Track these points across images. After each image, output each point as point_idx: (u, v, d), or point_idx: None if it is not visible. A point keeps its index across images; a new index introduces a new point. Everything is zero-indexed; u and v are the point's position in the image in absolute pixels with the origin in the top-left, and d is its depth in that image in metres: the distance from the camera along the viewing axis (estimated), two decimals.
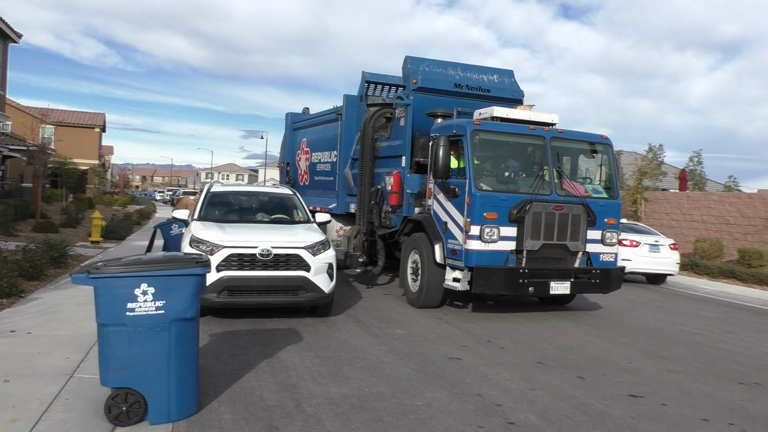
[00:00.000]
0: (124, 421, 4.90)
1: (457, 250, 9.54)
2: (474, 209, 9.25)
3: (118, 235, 20.47)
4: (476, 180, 9.37)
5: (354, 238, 12.15)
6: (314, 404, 5.57)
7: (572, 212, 9.69)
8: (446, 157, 9.45)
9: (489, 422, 5.32)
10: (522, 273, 9.32)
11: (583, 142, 10.48)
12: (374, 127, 12.10)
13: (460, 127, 9.77)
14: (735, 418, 5.76)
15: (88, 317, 8.20)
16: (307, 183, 16.23)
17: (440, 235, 9.95)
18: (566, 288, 9.71)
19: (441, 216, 10.00)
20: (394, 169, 11.38)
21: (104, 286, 4.83)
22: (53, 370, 5.91)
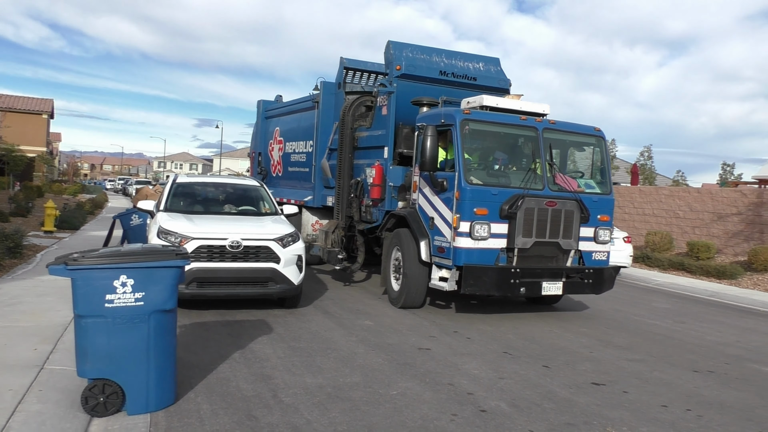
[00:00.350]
0: (101, 411, 4.90)
1: (444, 247, 9.01)
2: (464, 204, 8.72)
3: (72, 224, 20.00)
4: (466, 173, 8.82)
5: (332, 233, 11.62)
6: (291, 394, 5.64)
7: (565, 208, 9.21)
8: (434, 148, 8.94)
9: (462, 410, 5.49)
10: (514, 272, 8.84)
11: (575, 133, 9.90)
12: (354, 116, 11.55)
13: (448, 116, 9.20)
14: (691, 404, 6.06)
15: (50, 308, 8.08)
16: (280, 174, 15.66)
17: (426, 231, 9.42)
18: (558, 288, 9.24)
19: (427, 211, 9.48)
20: (375, 160, 10.83)
21: (82, 277, 4.80)
22: (23, 362, 5.83)
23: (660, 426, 5.40)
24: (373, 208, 10.92)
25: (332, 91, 12.84)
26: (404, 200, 10.25)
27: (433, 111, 9.79)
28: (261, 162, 16.79)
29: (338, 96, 12.55)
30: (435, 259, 9.28)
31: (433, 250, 9.30)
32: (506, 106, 9.61)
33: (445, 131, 9.23)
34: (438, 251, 9.17)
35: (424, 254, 9.38)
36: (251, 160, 17.89)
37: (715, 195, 20.57)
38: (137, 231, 13.93)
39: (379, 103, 10.96)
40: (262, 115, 16.86)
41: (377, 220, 10.84)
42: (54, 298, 8.73)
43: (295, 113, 14.77)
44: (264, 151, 16.68)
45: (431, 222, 9.33)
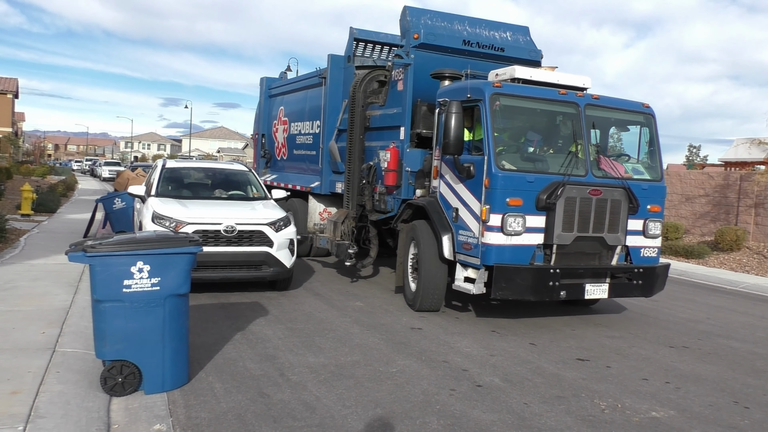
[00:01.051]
0: (119, 391, 5.13)
1: (471, 243, 7.89)
2: (494, 193, 7.55)
3: (49, 207, 19.88)
4: (497, 156, 7.65)
5: (341, 223, 10.42)
6: (297, 373, 5.93)
7: (612, 197, 8.03)
8: (458, 128, 7.73)
9: (459, 385, 5.84)
10: (553, 273, 7.70)
11: (622, 110, 8.66)
12: (365, 93, 10.42)
13: (476, 89, 7.99)
14: (670, 377, 6.51)
15: (47, 293, 8.21)
16: (285, 157, 14.43)
17: (449, 224, 8.30)
18: (603, 291, 8.10)
19: (450, 201, 8.34)
20: (390, 142, 9.68)
21: (101, 264, 4.99)
22: (34, 345, 6.00)
23: (642, 397, 5.83)
24: (387, 196, 9.86)
25: (341, 66, 11.60)
26: (423, 188, 9.21)
27: (458, 84, 8.59)
28: (264, 144, 15.65)
29: (348, 71, 11.37)
30: (459, 256, 8.16)
31: (457, 246, 8.19)
32: (541, 78, 8.42)
33: (471, 108, 8.07)
34: (463, 248, 8.07)
35: (447, 251, 8.24)
36: (254, 142, 16.77)
37: (684, 177, 21.26)
38: (120, 215, 14.00)
39: (394, 77, 9.83)
40: (265, 93, 15.63)
41: (392, 210, 9.75)
42: (48, 282, 8.84)
43: (300, 91, 13.53)
44: (268, 132, 15.51)
45: (455, 214, 8.23)
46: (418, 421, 4.97)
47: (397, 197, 9.62)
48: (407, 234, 9.15)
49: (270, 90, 15.48)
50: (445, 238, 8.26)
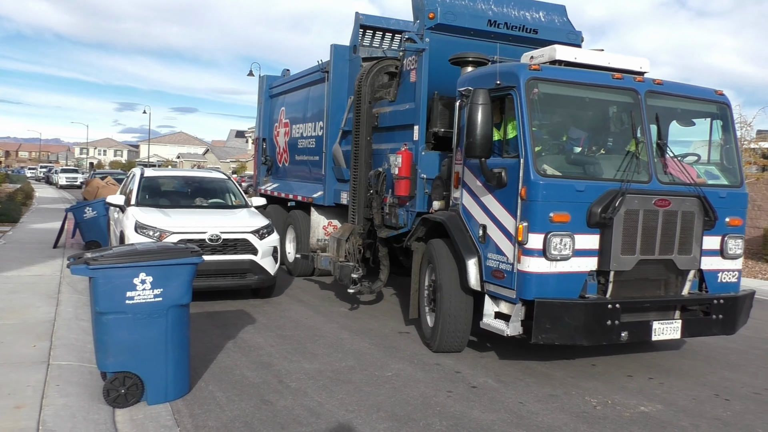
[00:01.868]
0: (122, 403, 5.14)
1: (503, 271, 6.28)
2: (534, 206, 5.94)
3: (11, 217, 19.40)
4: (536, 159, 6.04)
5: (346, 241, 8.94)
6: (295, 379, 6.01)
7: (682, 209, 6.35)
8: (486, 123, 6.17)
9: (455, 387, 6.00)
10: (612, 309, 6.04)
11: (691, 99, 7.03)
12: (373, 87, 9.05)
13: (508, 74, 6.36)
14: (652, 373, 6.78)
15: (29, 305, 8.10)
16: (287, 164, 12.87)
17: (474, 245, 6.71)
18: (675, 330, 6.45)
19: (476, 215, 6.73)
20: (401, 144, 8.14)
21: (104, 276, 5.00)
22: (28, 359, 5.95)
23: (630, 393, 6.07)
24: (398, 208, 8.26)
25: (345, 57, 10.15)
26: (442, 199, 7.50)
27: (484, 69, 7.00)
28: (266, 150, 14.09)
29: (354, 63, 10.00)
30: (489, 287, 6.54)
31: (485, 273, 6.57)
32: (588, 60, 6.78)
33: (501, 98, 6.50)
34: (493, 275, 6.46)
35: (472, 279, 6.61)
36: (255, 147, 15.18)
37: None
38: (91, 224, 13.82)
39: (406, 67, 8.35)
40: (266, 93, 14.07)
41: (404, 226, 8.14)
42: (27, 295, 8.70)
43: (302, 88, 12.06)
44: (269, 136, 13.98)
45: (482, 232, 6.60)
46: (422, 423, 5.11)
47: (410, 210, 8.04)
48: (423, 256, 7.61)
49: (271, 89, 13.97)
50: (470, 262, 6.63)
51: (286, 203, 12.11)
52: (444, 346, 7.05)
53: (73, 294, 8.90)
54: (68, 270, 5.14)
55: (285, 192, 12.25)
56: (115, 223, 10.45)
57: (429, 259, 7.40)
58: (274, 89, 13.81)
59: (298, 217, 11.46)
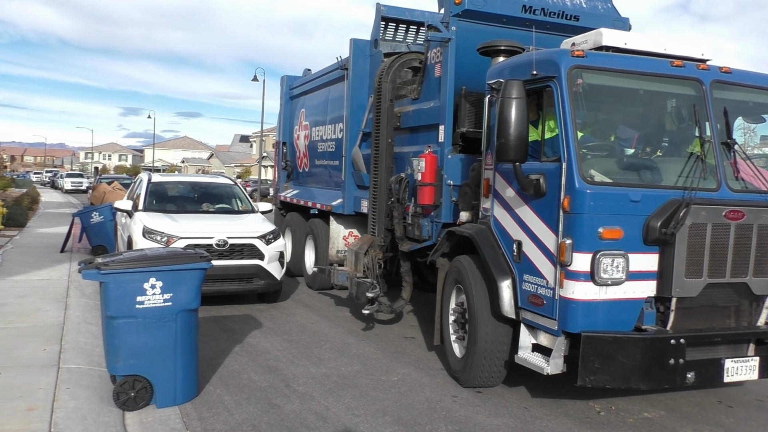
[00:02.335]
0: (131, 406, 5.22)
1: (542, 296, 5.35)
2: (580, 220, 5.01)
3: (18, 222, 19.53)
4: (582, 162, 5.11)
5: (364, 254, 8.20)
6: (302, 383, 6.08)
7: (759, 222, 5.33)
8: (521, 121, 5.23)
9: (460, 392, 6.06)
10: (675, 345, 5.04)
11: (764, 90, 5.91)
12: (394, 84, 8.23)
13: (547, 63, 5.39)
14: None
15: (38, 309, 8.19)
16: (306, 169, 12.07)
17: (508, 264, 5.80)
18: (752, 369, 5.37)
19: (509, 229, 5.82)
20: (425, 146, 7.33)
21: (115, 281, 5.08)
22: (38, 362, 6.03)
23: (633, 399, 6.10)
24: (422, 218, 7.42)
25: (366, 53, 9.40)
26: (470, 209, 6.65)
27: (518, 58, 6.03)
28: (286, 155, 13.29)
29: (375, 59, 9.20)
30: (525, 314, 5.61)
31: (520, 298, 5.64)
32: (639, 46, 5.69)
33: (538, 91, 5.55)
34: (530, 302, 5.51)
35: (506, 305, 5.71)
36: (275, 152, 14.35)
37: None
38: (97, 229, 13.94)
39: (431, 60, 7.55)
40: (286, 94, 13.28)
41: (429, 238, 7.30)
42: (36, 298, 8.79)
43: (321, 88, 11.26)
44: (289, 140, 13.15)
45: (517, 249, 5.68)
46: (427, 427, 5.17)
47: (435, 221, 7.20)
48: (449, 274, 6.71)
49: (291, 90, 13.15)
50: (503, 285, 5.72)
51: (307, 211, 11.38)
52: (477, 380, 6.07)
53: (81, 298, 8.99)
54: (76, 274, 5.23)
55: (305, 199, 11.52)
56: (122, 228, 10.54)
57: (456, 278, 6.50)
58: (294, 90, 13.05)
59: (317, 226, 10.74)
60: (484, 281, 6.02)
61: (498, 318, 5.88)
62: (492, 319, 5.93)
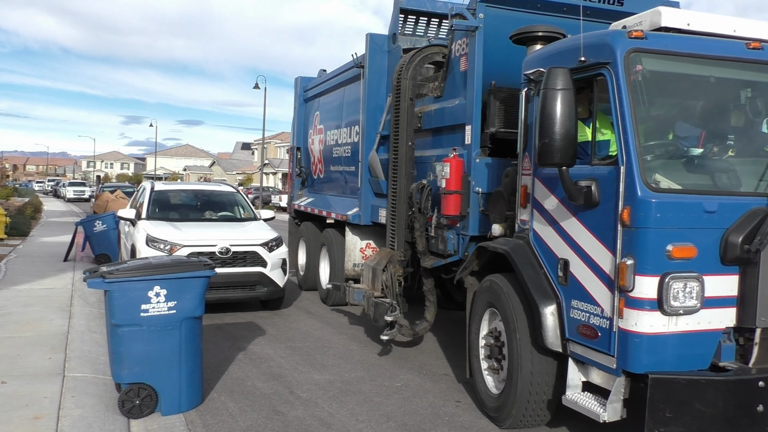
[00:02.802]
0: (136, 414, 5.24)
1: (596, 327, 4.49)
2: (645, 236, 4.18)
3: (21, 231, 19.59)
4: (644, 165, 4.26)
5: (383, 271, 7.45)
6: (306, 390, 6.10)
7: None
8: (568, 115, 4.41)
9: (464, 397, 6.08)
10: (762, 388, 4.16)
11: None
12: (415, 81, 7.50)
13: (599, 46, 4.54)
14: None
15: (42, 318, 8.22)
16: (321, 176, 11.31)
17: (551, 287, 4.94)
18: None
19: (553, 246, 4.98)
20: (450, 149, 6.55)
21: (119, 289, 5.12)
22: (43, 371, 6.06)
23: None
24: (447, 231, 6.68)
25: (383, 48, 8.67)
26: (503, 221, 5.77)
27: (562, 43, 5.17)
28: (300, 160, 12.50)
29: (393, 55, 8.44)
30: (574, 347, 4.74)
31: (568, 327, 4.77)
32: (705, 27, 4.79)
33: (587, 81, 4.72)
34: (580, 333, 4.65)
35: (549, 335, 4.83)
36: (290, 157, 13.46)
37: None
38: (101, 237, 13.98)
39: (455, 53, 6.77)
40: (300, 96, 12.54)
41: (455, 253, 6.54)
42: (40, 307, 8.83)
43: (336, 89, 10.53)
44: (304, 145, 12.35)
45: (563, 269, 4.82)
46: None
47: (462, 233, 6.44)
48: (478, 295, 5.81)
49: (305, 92, 12.42)
50: (546, 311, 4.85)
51: (322, 221, 10.85)
52: (520, 422, 5.22)
53: (85, 306, 9.03)
54: (80, 283, 5.28)
55: (319, 208, 10.80)
56: (125, 236, 10.59)
57: (489, 300, 5.59)
58: (308, 92, 12.29)
59: (332, 237, 10.01)
60: (527, 306, 5.10)
61: (541, 350, 5.00)
62: (535, 351, 5.04)
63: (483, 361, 5.72)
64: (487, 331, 5.73)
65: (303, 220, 11.79)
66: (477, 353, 5.79)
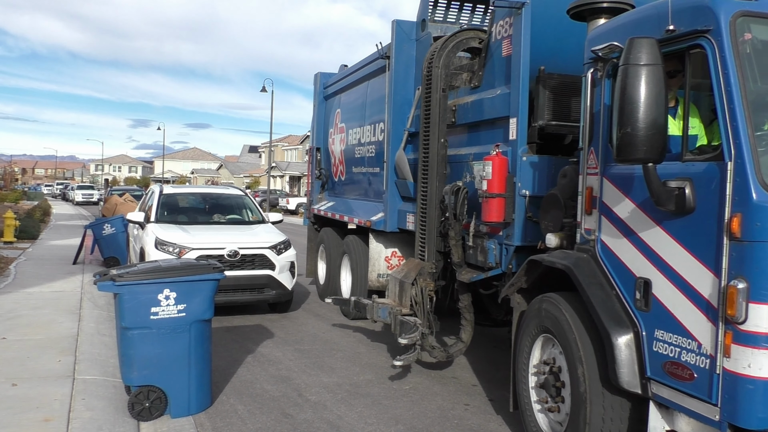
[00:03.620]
0: (146, 416, 5.26)
1: (689, 365, 3.63)
2: (763, 252, 3.28)
3: (31, 234, 19.71)
4: (758, 158, 3.37)
5: (411, 285, 6.75)
6: (315, 393, 6.11)
7: None
8: (657, 98, 3.52)
9: (472, 400, 6.07)
10: None
11: None
12: (448, 69, 6.68)
13: (694, 10, 3.66)
14: None
15: (52, 321, 8.26)
16: (342, 178, 10.63)
17: (627, 312, 4.07)
18: None
19: (629, 261, 4.11)
20: (491, 146, 5.75)
21: (129, 292, 5.14)
22: (53, 373, 6.08)
23: None
24: (487, 240, 5.95)
25: (411, 37, 7.92)
26: (559, 229, 4.94)
27: (641, 11, 4.18)
28: (320, 162, 11.76)
29: (422, 44, 7.70)
30: (658, 388, 3.85)
31: (649, 363, 3.89)
32: None
33: (678, 56, 3.82)
34: (667, 371, 3.77)
35: (624, 372, 3.94)
36: (309, 159, 12.53)
37: None
38: (109, 240, 14.05)
39: (496, 36, 6.00)
40: (320, 94, 11.75)
41: (497, 265, 5.78)
42: (50, 310, 8.87)
43: (359, 83, 9.81)
44: (324, 145, 11.62)
45: (643, 291, 3.95)
46: None
47: (505, 243, 5.66)
48: (528, 317, 4.95)
49: (325, 89, 11.65)
50: (620, 342, 3.96)
51: (343, 226, 10.12)
52: None
53: (95, 309, 9.07)
54: (89, 285, 5.31)
55: (340, 213, 10.10)
56: (134, 239, 10.63)
57: (543, 324, 4.70)
58: (328, 89, 11.52)
59: (355, 244, 9.31)
60: (591, 333, 4.25)
61: (613, 389, 4.09)
62: (603, 389, 4.13)
63: (535, 397, 4.86)
64: (539, 360, 4.86)
65: (323, 226, 11.11)
66: (525, 385, 4.92)
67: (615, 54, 4.10)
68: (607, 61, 4.28)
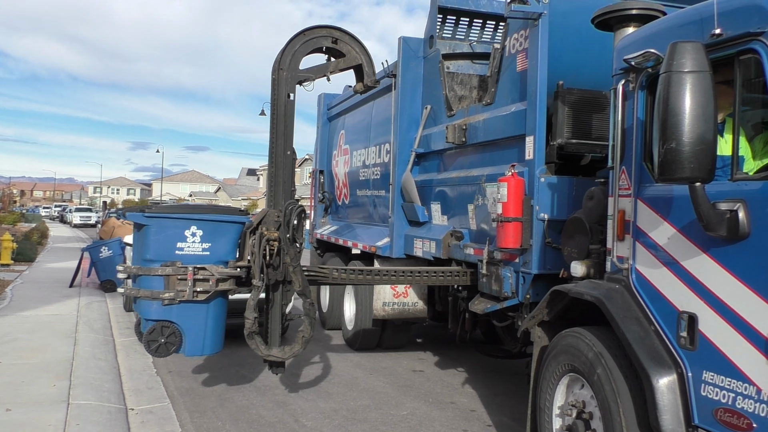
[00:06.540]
0: (163, 352, 5.41)
1: (746, 414, 3.15)
2: None
3: (28, 256, 19.69)
4: None
5: (251, 234, 6.11)
6: (311, 418, 6.06)
7: None
8: (706, 109, 3.10)
9: (470, 426, 6.02)
10: None
11: None
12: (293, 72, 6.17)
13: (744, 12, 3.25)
14: None
15: (47, 345, 8.21)
16: (347, 201, 10.31)
17: (669, 351, 3.60)
18: None
19: (669, 293, 3.65)
20: (506, 167, 5.44)
21: (157, 224, 5.36)
22: (48, 398, 6.04)
23: None
24: (502, 267, 5.62)
25: (418, 54, 7.70)
26: (585, 256, 4.54)
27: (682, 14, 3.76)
28: (323, 185, 11.44)
29: (430, 61, 7.52)
30: None
31: (697, 409, 3.43)
32: None
33: (725, 63, 3.39)
34: (719, 420, 3.31)
35: (667, 419, 3.45)
36: (312, 181, 12.35)
37: None
38: (106, 263, 14.01)
39: (510, 49, 5.73)
40: (324, 115, 11.47)
41: (513, 295, 5.47)
42: (45, 334, 8.82)
43: (364, 104, 9.55)
44: (327, 168, 11.27)
45: (687, 327, 3.51)
46: None
47: (523, 271, 5.34)
48: (555, 356, 4.43)
49: (329, 110, 11.33)
50: (661, 384, 3.50)
51: (347, 251, 9.80)
52: None
53: (90, 333, 9.02)
54: (85, 309, 5.35)
55: (344, 238, 9.76)
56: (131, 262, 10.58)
57: (570, 362, 4.21)
58: (332, 110, 11.20)
59: None
60: (625, 373, 3.77)
61: None
62: None
63: None
64: (564, 401, 4.34)
65: (326, 251, 10.72)
66: (549, 427, 4.43)
67: (650, 63, 3.72)
68: (640, 71, 3.88)
